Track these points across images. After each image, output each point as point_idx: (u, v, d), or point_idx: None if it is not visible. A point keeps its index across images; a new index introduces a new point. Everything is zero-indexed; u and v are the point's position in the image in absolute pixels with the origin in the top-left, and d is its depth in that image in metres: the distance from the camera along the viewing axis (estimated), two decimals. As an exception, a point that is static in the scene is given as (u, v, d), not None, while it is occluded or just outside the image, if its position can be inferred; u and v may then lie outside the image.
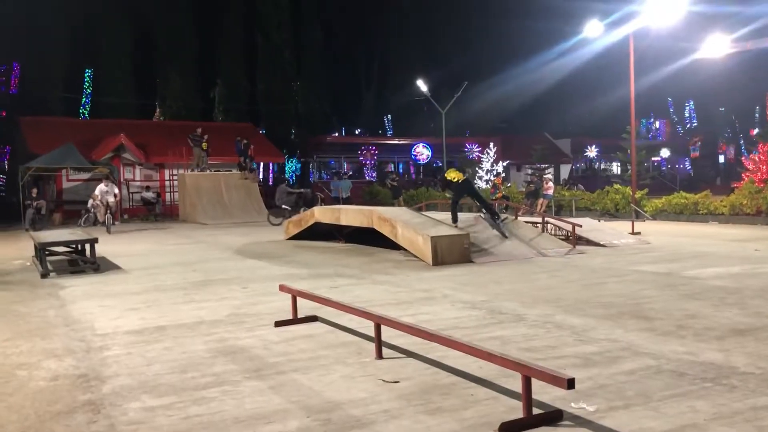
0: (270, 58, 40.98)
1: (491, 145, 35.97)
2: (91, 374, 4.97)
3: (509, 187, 28.17)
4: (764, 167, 22.92)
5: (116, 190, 19.89)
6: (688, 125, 63.50)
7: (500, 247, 11.61)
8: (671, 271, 9.31)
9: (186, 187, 24.86)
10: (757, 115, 53.36)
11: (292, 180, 39.43)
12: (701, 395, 4.11)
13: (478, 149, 39.36)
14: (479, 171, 35.06)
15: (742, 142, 55.91)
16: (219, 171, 26.50)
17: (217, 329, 6.35)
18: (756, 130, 32.79)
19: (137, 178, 29.12)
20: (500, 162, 35.24)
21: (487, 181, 33.24)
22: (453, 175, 12.91)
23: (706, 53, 28.34)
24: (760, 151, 24.44)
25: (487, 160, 35.46)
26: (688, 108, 63.64)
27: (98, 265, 10.96)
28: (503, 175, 33.13)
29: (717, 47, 27.50)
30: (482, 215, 13.02)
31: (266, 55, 41.02)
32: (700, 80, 46.21)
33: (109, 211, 19.48)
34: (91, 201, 23.86)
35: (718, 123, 58.41)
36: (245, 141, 26.53)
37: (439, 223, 11.78)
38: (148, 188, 27.66)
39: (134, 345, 5.83)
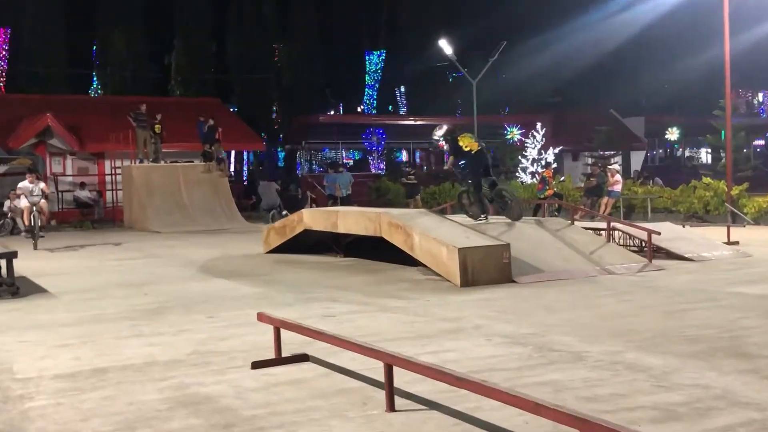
0: (244, 13, 41.11)
1: (538, 125, 35.91)
2: (9, 432, 4.99)
3: (562, 181, 28.14)
4: None
5: (44, 187, 19.97)
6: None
7: (551, 262, 11.59)
8: (781, 294, 9.27)
9: (133, 183, 24.95)
10: None
11: (273, 174, 39.56)
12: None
13: (520, 131, 39.33)
14: (522, 160, 35.04)
15: None
16: (176, 162, 26.51)
17: (174, 372, 6.36)
18: None
19: (69, 171, 29.25)
20: (550, 148, 35.18)
21: (533, 174, 33.19)
22: (467, 142, 12.76)
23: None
24: None
25: (532, 145, 35.41)
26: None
27: (17, 288, 10.99)
28: (554, 165, 33.07)
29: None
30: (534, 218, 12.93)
31: (239, 8, 41.15)
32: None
33: (33, 218, 19.53)
34: (7, 203, 23.99)
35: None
36: (211, 122, 26.58)
37: (469, 230, 11.78)
38: (83, 185, 27.79)
39: (65, 393, 5.84)
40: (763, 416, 4.81)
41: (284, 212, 21.02)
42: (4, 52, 41.60)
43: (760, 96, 62.41)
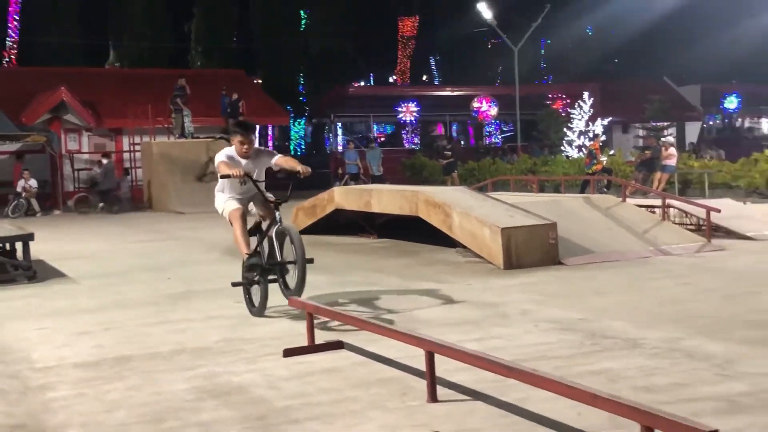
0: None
1: (585, 95, 35.61)
2: (31, 424, 5.05)
3: (612, 155, 27.92)
4: None
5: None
6: None
7: (602, 243, 11.52)
8: None
9: (152, 160, 25.05)
10: None
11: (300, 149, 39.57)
12: None
13: (565, 101, 39.03)
14: (568, 133, 34.81)
15: None
16: (198, 138, 26.61)
17: (203, 360, 6.41)
18: None
19: (85, 149, 29.44)
20: (598, 120, 34.90)
21: (580, 147, 32.97)
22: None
23: None
24: None
25: (579, 116, 35.14)
26: None
27: (35, 272, 11.12)
28: (603, 138, 32.80)
29: None
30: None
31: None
32: None
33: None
34: (21, 182, 24.27)
35: None
36: (234, 96, 26.66)
37: (513, 208, 11.72)
38: (100, 164, 27.39)
39: (88, 383, 5.91)
40: (837, 408, 4.76)
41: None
42: (15, 23, 41.92)
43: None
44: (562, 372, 5.29)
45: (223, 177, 7.79)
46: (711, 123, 49.03)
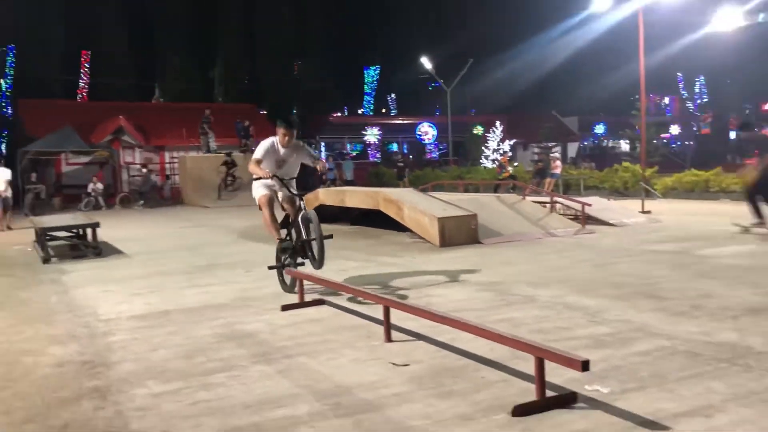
0: (270, 37, 40.77)
1: (497, 123, 35.80)
2: (97, 360, 4.99)
3: (516, 166, 28.07)
4: (778, 143, 22.74)
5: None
6: (699, 101, 63.11)
7: (509, 228, 11.58)
8: (683, 250, 9.28)
9: (186, 169, 24.85)
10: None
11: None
12: (717, 376, 4.11)
13: (484, 128, 39.23)
14: (485, 150, 34.97)
15: (753, 118, 55.48)
16: (219, 153, 26.48)
17: (222, 313, 6.36)
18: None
19: (137, 161, 29.13)
20: (506, 141, 35.13)
21: (493, 161, 33.13)
22: None
23: (718, 27, 28.04)
24: (773, 127, 24.23)
25: (493, 138, 35.34)
26: (698, 84, 63.21)
27: (100, 250, 10.98)
28: (510, 154, 32.99)
29: (728, 20, 27.20)
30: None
31: (266, 33, 40.80)
32: (711, 55, 45.79)
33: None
34: (91, 185, 23.94)
35: (729, 99, 57.96)
36: (246, 122, 26.48)
37: (446, 203, 11.74)
38: (144, 167, 26.91)
39: (139, 330, 5.84)
40: (671, 343, 4.83)
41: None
42: (86, 68, 41.26)
43: (666, 99, 62.21)
44: (480, 320, 5.31)
45: (255, 179, 6.98)
46: (585, 143, 49.53)
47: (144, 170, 25.84)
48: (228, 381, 4.37)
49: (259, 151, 6.93)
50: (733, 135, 55.87)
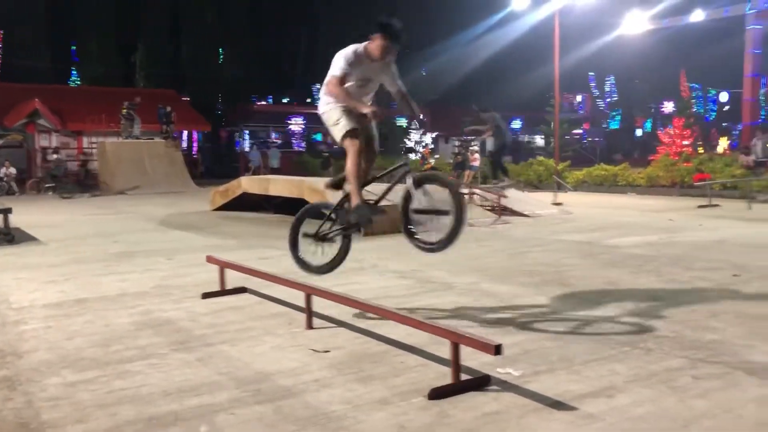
0: (194, 22, 39.67)
1: (421, 117, 36.19)
2: (7, 350, 4.74)
3: (437, 158, 28.44)
4: (679, 141, 23.97)
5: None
6: (609, 99, 65.54)
7: (431, 218, 11.70)
8: (592, 240, 9.64)
9: (106, 156, 23.95)
10: (671, 91, 55.52)
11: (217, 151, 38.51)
12: (620, 358, 4.29)
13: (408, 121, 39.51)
14: (408, 142, 35.24)
15: (658, 116, 58.19)
16: (139, 139, 25.65)
17: (141, 301, 6.17)
18: (671, 105, 34.23)
19: (53, 145, 27.87)
20: (428, 134, 35.50)
21: (415, 153, 33.45)
22: None
23: (626, 30, 29.22)
24: (675, 125, 25.55)
25: (416, 131, 35.64)
26: (609, 83, 65.60)
27: (13, 236, 10.44)
28: (432, 146, 33.40)
29: (636, 24, 28.38)
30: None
31: (190, 18, 39.67)
32: (620, 56, 47.62)
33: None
34: (3, 170, 22.83)
35: (636, 98, 60.55)
36: (168, 108, 25.74)
37: (370, 193, 11.74)
38: (57, 152, 25.85)
39: (53, 318, 5.59)
40: (580, 328, 5.01)
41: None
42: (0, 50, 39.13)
43: (579, 97, 64.32)
44: (399, 307, 5.36)
45: (331, 105, 4.94)
46: (503, 137, 50.58)
47: (55, 156, 24.80)
48: (146, 369, 4.25)
49: (341, 62, 4.81)
50: (639, 132, 58.52)
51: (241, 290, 6.42)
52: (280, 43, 50.66)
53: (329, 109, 4.99)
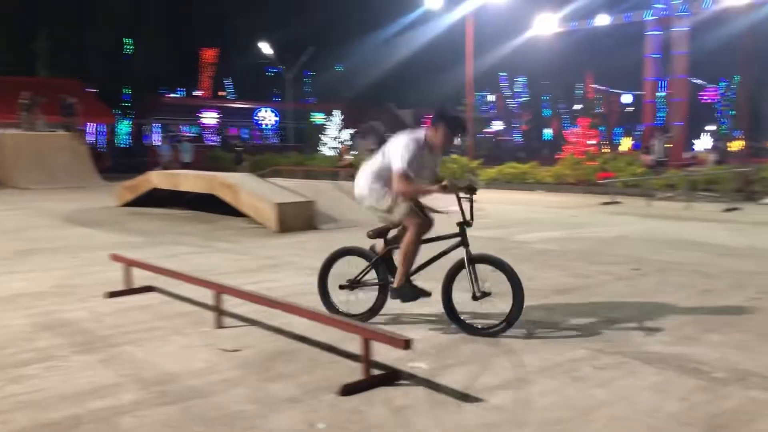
0: (100, 12, 38.12)
1: (337, 113, 36.07)
2: None
3: (355, 155, 28.45)
4: (584, 140, 25.02)
5: None
6: (520, 99, 67.55)
7: (344, 214, 11.72)
8: (502, 236, 9.90)
9: (5, 148, 22.62)
10: (578, 92, 57.88)
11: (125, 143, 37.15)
12: (527, 351, 4.43)
13: (324, 117, 39.40)
14: (323, 138, 35.13)
15: (566, 116, 60.48)
16: (43, 132, 24.35)
17: (41, 302, 5.87)
18: (578, 107, 35.66)
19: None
20: (345, 130, 35.52)
21: (333, 149, 33.39)
22: None
23: (537, 31, 30.19)
24: (580, 126, 26.64)
25: (332, 127, 35.57)
26: (520, 83, 67.61)
27: None
28: (350, 143, 33.41)
29: (546, 26, 29.37)
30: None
31: (96, 7, 38.08)
32: (532, 57, 49.18)
33: None
34: None
35: (546, 98, 62.76)
36: (71, 99, 24.61)
37: (285, 189, 11.66)
38: None
39: (-59, 322, 5.24)
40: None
41: None
42: None
43: (493, 97, 65.97)
44: (313, 305, 5.33)
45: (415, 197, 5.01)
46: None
47: None
48: (44, 372, 4.04)
49: (406, 155, 4.75)
50: (548, 132, 60.64)
51: (148, 289, 6.22)
52: (192, 35, 49.37)
53: (394, 205, 5.02)
